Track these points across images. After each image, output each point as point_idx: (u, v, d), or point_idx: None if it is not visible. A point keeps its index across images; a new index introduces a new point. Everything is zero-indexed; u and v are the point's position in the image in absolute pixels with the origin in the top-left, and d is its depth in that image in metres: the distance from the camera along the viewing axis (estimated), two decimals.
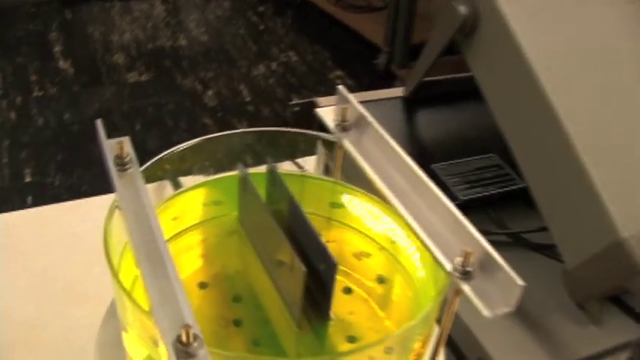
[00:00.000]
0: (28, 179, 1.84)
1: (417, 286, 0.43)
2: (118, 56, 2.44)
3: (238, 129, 0.48)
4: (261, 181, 0.43)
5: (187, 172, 0.47)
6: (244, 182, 0.41)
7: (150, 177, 0.44)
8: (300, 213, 0.38)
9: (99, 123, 0.40)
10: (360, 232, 0.47)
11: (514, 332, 0.55)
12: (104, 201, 0.40)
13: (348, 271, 0.45)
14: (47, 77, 2.29)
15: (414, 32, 2.08)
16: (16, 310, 0.61)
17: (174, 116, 2.17)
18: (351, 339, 0.40)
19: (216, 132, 0.46)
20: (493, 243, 0.62)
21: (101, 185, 1.03)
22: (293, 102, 0.69)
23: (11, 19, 2.59)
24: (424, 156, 0.67)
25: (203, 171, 0.48)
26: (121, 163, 0.40)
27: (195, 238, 0.46)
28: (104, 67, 2.37)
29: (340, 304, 0.42)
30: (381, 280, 0.44)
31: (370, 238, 0.47)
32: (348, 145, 0.43)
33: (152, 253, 0.34)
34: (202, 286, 0.43)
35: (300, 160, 0.59)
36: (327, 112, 0.45)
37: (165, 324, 0.30)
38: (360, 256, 0.46)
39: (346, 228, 0.48)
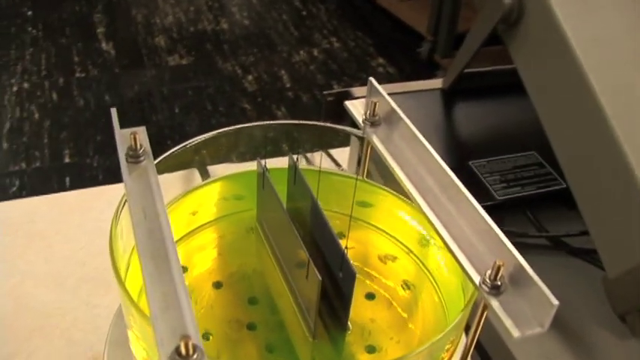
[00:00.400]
0: (67, 160, 1.85)
1: (445, 293, 0.41)
2: (159, 39, 2.44)
3: (277, 115, 0.46)
4: (283, 176, 0.40)
5: (216, 161, 0.45)
6: (262, 178, 0.39)
7: (179, 165, 0.42)
8: (321, 214, 0.36)
9: (113, 112, 0.38)
10: (387, 233, 0.45)
11: (549, 343, 0.51)
12: None
13: (373, 273, 0.42)
14: (89, 58, 2.30)
15: (458, 21, 2.03)
16: (35, 297, 0.61)
17: (213, 100, 2.17)
18: (371, 349, 0.38)
19: (255, 117, 0.44)
20: (530, 246, 0.59)
21: None
22: (327, 92, 0.66)
23: (57, 1, 2.61)
24: (461, 152, 0.63)
25: (231, 159, 0.46)
26: (134, 155, 0.38)
27: (213, 234, 0.44)
28: (145, 49, 2.37)
29: (361, 311, 0.40)
30: (406, 285, 0.42)
31: (397, 240, 0.44)
32: (375, 141, 0.40)
33: (158, 253, 0.32)
34: (217, 285, 0.41)
35: (337, 151, 0.57)
36: (357, 106, 0.43)
37: (164, 333, 0.27)
38: (385, 259, 0.43)
39: (372, 229, 0.45)
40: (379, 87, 0.42)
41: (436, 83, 0.71)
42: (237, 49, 2.43)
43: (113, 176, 1.75)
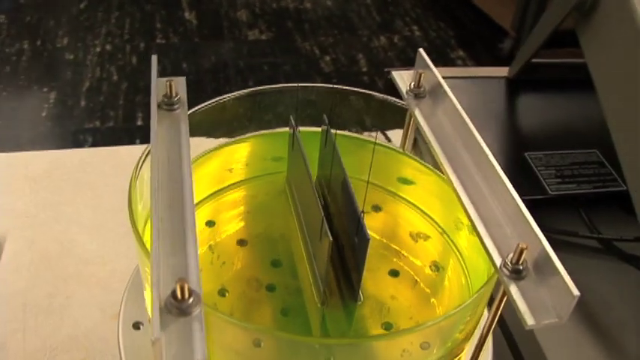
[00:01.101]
0: (139, 122, 1.89)
1: (474, 278, 0.39)
2: (241, 13, 2.46)
3: (350, 98, 0.45)
4: (318, 139, 0.40)
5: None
6: (292, 138, 0.38)
7: (215, 124, 0.42)
8: (345, 179, 0.35)
9: (154, 59, 0.38)
10: (424, 212, 0.43)
11: (587, 350, 0.49)
12: None
13: (402, 251, 0.41)
14: (171, 26, 2.34)
15: None
16: (79, 244, 0.62)
17: (288, 77, 2.17)
18: (387, 326, 0.36)
19: None
20: (580, 246, 0.56)
21: None
22: (388, 69, 0.64)
23: None
24: (519, 142, 0.61)
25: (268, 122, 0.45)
26: (169, 103, 0.37)
27: (245, 193, 0.44)
28: (227, 21, 2.39)
29: (383, 286, 0.39)
30: (435, 266, 0.40)
31: (433, 220, 0.43)
32: (417, 113, 0.39)
33: (174, 200, 0.31)
34: (242, 243, 0.41)
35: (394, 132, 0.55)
36: (403, 77, 0.41)
37: (163, 276, 0.27)
38: (417, 237, 0.42)
39: (409, 206, 0.44)
40: (427, 59, 0.40)
41: (502, 71, 0.69)
42: (318, 30, 2.43)
43: None
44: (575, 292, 0.27)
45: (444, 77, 0.66)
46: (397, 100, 0.41)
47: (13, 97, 1.91)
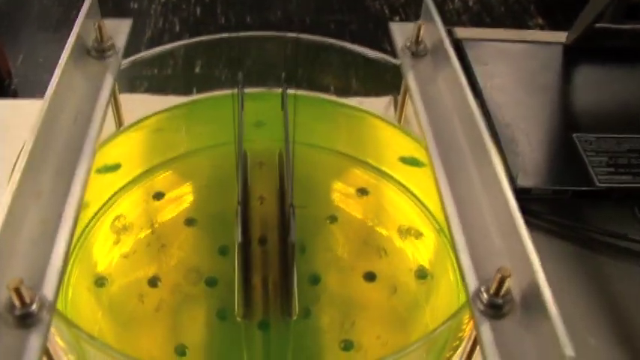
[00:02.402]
0: (197, 70, 1.84)
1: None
2: None
3: None
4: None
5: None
6: (239, 102, 0.30)
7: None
8: (284, 155, 0.26)
9: None
10: (421, 202, 0.35)
11: None
12: None
13: (385, 249, 0.33)
14: None
15: None
16: None
17: (354, 36, 2.07)
18: (347, 345, 0.29)
19: None
20: (630, 253, 0.46)
21: None
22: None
23: None
24: (567, 120, 0.51)
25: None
26: (98, 49, 0.30)
27: (208, 162, 0.36)
28: None
29: (353, 293, 0.31)
30: (422, 273, 0.32)
31: (430, 213, 0.34)
32: (410, 75, 0.30)
33: (64, 168, 0.24)
34: (189, 222, 0.33)
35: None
36: (402, 29, 0.33)
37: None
38: (406, 233, 0.34)
39: (404, 193, 0.35)
40: (434, 9, 0.31)
41: (559, 37, 0.58)
42: None
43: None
44: (569, 351, 0.18)
45: (489, 40, 0.56)
46: (391, 58, 0.33)
47: None
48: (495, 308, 0.21)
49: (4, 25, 1.57)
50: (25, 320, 0.19)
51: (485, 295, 0.21)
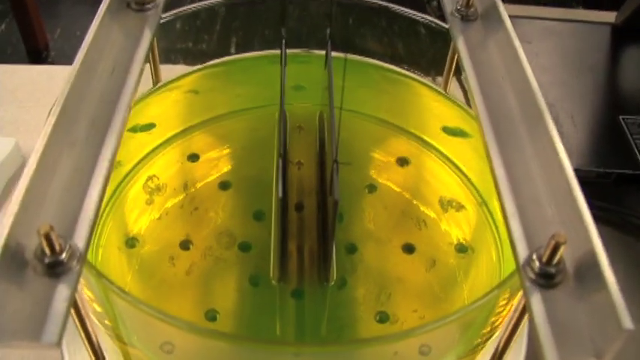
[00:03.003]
0: (232, 49, 1.84)
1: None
2: None
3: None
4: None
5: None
6: (282, 58, 0.29)
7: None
8: (332, 118, 0.25)
9: None
10: (464, 173, 0.34)
11: None
12: None
13: (425, 221, 0.32)
14: None
15: None
16: None
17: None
18: (383, 317, 0.28)
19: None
20: None
21: None
22: None
23: None
24: (615, 102, 0.49)
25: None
26: (139, 2, 0.29)
27: (244, 125, 0.35)
28: None
29: (390, 265, 0.30)
30: (463, 246, 0.31)
31: (473, 185, 0.33)
32: (460, 40, 0.29)
33: (99, 120, 0.24)
34: (224, 186, 0.32)
35: None
36: None
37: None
38: (448, 205, 0.32)
39: (447, 164, 0.34)
40: None
41: (609, 16, 0.56)
42: None
43: None
44: (627, 324, 0.17)
45: (534, 18, 0.54)
46: (441, 22, 0.31)
47: None
48: (547, 278, 0.19)
49: None
50: (55, 269, 0.19)
51: (537, 263, 0.20)
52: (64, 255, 0.19)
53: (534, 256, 0.20)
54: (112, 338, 0.24)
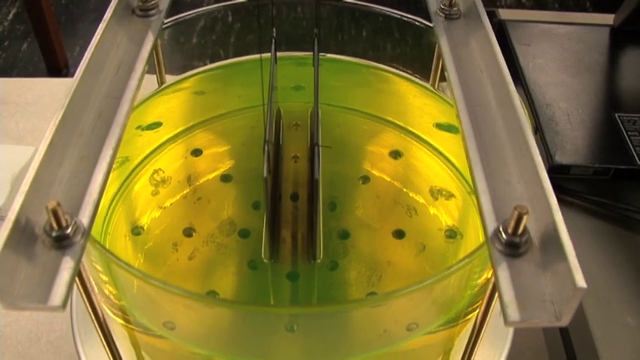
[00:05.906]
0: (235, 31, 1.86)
1: None
2: None
3: None
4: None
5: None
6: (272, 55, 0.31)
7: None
8: (315, 112, 0.27)
9: None
10: (453, 165, 0.35)
11: None
12: None
13: (415, 208, 0.33)
14: None
15: None
16: None
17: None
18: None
19: None
20: None
21: None
22: None
23: None
24: (610, 99, 0.50)
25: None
26: (143, 8, 0.31)
27: (244, 123, 0.37)
28: None
29: (380, 249, 0.31)
30: (452, 232, 0.32)
31: (462, 176, 0.35)
32: (442, 37, 0.31)
33: (105, 113, 0.26)
34: (225, 179, 0.34)
35: None
36: None
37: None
38: (438, 194, 0.34)
39: (437, 156, 0.36)
40: None
41: (607, 19, 0.57)
42: None
43: None
44: (580, 283, 0.19)
45: (538, 22, 0.55)
46: (425, 21, 0.33)
47: None
48: (513, 247, 0.21)
49: (63, 18, 1.62)
50: (61, 242, 0.21)
51: (503, 235, 0.21)
52: (69, 230, 0.21)
53: (501, 228, 0.21)
54: (118, 317, 0.26)
